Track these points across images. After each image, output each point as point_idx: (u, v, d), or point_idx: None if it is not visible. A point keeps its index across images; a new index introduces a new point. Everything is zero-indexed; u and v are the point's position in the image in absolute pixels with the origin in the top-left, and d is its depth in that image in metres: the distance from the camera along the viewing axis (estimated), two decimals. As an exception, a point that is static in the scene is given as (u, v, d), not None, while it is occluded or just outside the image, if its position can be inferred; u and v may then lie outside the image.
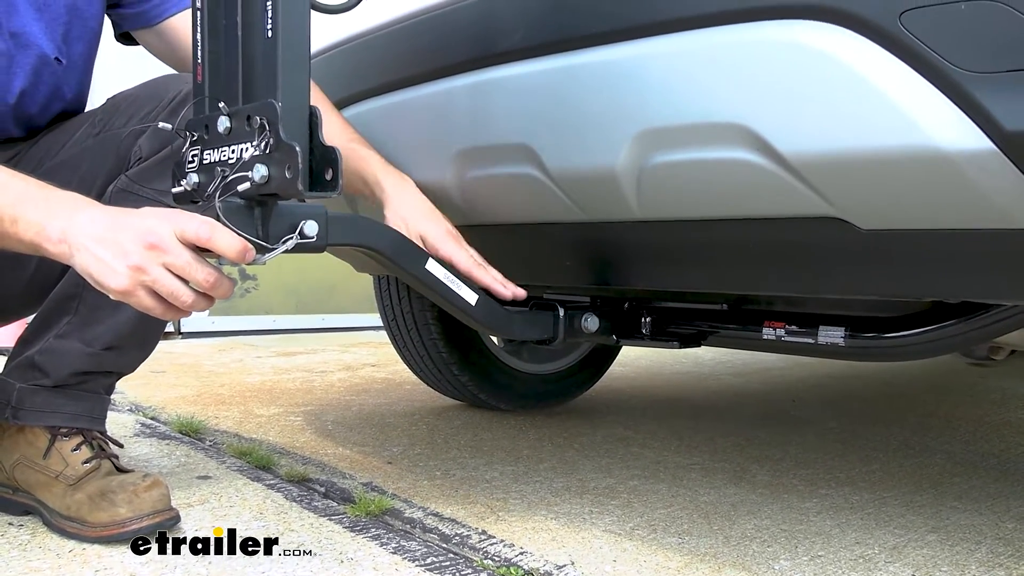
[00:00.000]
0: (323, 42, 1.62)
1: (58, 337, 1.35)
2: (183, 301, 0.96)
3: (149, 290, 0.96)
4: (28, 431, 1.36)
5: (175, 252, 0.95)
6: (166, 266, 0.95)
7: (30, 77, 1.34)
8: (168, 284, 0.95)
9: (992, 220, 0.94)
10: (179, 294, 0.96)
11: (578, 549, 1.31)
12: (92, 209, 1.00)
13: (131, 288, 0.95)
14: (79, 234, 0.97)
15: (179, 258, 0.95)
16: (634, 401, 2.59)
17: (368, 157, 1.40)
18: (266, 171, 0.95)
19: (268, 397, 2.54)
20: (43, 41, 1.34)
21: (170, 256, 0.95)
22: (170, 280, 0.95)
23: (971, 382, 3.03)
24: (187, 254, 0.95)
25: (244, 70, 1.01)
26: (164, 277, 0.95)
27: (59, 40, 1.36)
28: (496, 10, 1.26)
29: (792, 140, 0.99)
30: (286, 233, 1.03)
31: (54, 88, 1.38)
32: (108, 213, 0.99)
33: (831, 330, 1.33)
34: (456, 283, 1.27)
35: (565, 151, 1.22)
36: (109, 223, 0.97)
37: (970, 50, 0.86)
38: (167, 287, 0.95)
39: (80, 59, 1.41)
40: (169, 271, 0.95)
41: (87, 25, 1.40)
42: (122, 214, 0.98)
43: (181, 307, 0.97)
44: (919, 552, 1.33)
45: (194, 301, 0.97)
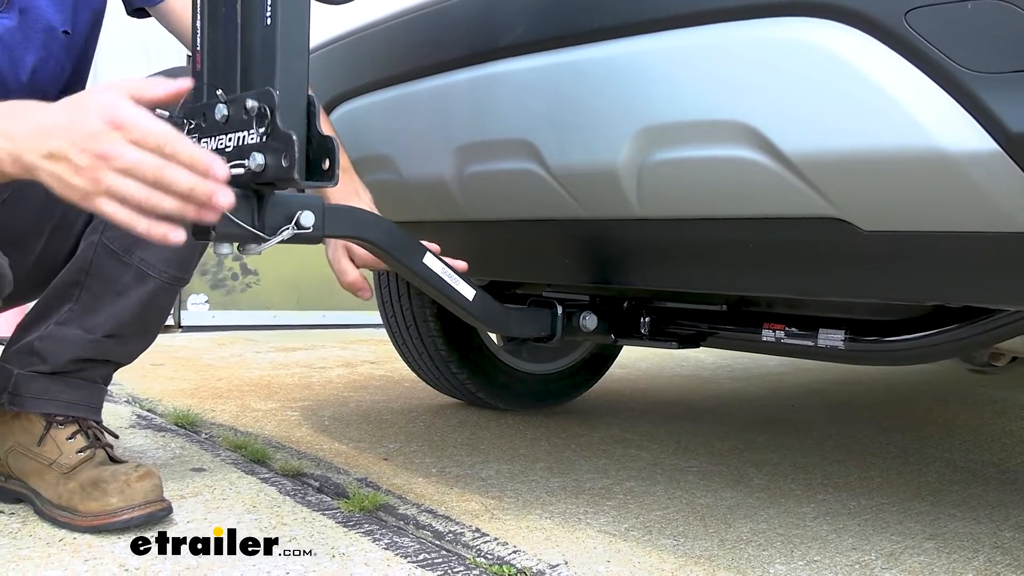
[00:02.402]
0: (323, 36, 1.61)
1: (59, 324, 1.35)
2: (159, 207, 0.86)
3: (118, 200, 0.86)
4: (24, 418, 1.36)
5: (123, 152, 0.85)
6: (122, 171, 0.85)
7: (40, 52, 1.33)
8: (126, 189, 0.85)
9: (995, 223, 0.93)
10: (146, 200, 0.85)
11: (572, 549, 1.30)
12: (40, 113, 0.91)
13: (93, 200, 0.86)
14: (27, 150, 0.88)
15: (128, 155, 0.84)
16: (633, 403, 2.58)
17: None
18: (263, 159, 0.94)
19: (266, 392, 2.53)
20: (51, 13, 1.33)
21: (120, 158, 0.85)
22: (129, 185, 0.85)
23: (971, 390, 3.02)
24: (134, 151, 0.85)
25: (243, 58, 1.00)
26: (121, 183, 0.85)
27: (69, 11, 1.36)
28: (497, 5, 1.25)
29: (794, 139, 0.98)
30: (283, 223, 1.02)
31: (61, 62, 1.38)
32: (62, 112, 0.90)
33: (831, 333, 1.32)
34: (453, 278, 1.26)
35: (566, 147, 1.21)
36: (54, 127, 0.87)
37: (975, 50, 0.85)
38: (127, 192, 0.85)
39: (85, 28, 1.40)
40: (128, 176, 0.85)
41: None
42: (73, 106, 0.89)
43: (161, 211, 0.86)
44: (916, 559, 1.32)
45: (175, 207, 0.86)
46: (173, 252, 1.34)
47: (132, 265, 1.34)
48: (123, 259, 1.33)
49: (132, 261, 1.33)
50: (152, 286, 1.35)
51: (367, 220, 1.16)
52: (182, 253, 1.36)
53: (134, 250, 1.33)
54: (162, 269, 1.35)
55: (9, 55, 1.29)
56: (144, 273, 1.34)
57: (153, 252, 1.34)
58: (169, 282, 1.37)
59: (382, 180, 1.54)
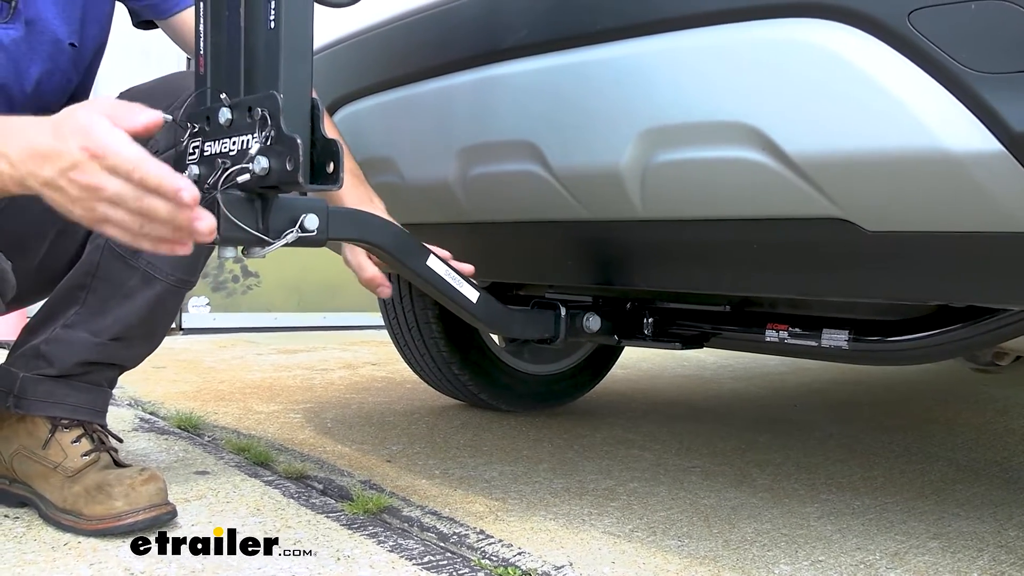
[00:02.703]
0: (326, 38, 1.61)
1: (65, 327, 1.35)
2: (148, 234, 0.88)
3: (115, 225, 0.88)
4: (29, 421, 1.36)
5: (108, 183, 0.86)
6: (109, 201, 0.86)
7: (47, 63, 1.33)
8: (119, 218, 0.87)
9: (999, 223, 0.93)
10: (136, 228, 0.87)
11: (576, 550, 1.30)
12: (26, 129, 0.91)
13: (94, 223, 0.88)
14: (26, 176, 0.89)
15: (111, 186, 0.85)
16: (635, 403, 2.58)
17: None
18: (267, 163, 0.95)
19: (268, 394, 2.53)
20: (57, 25, 1.33)
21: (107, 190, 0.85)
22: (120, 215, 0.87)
23: (974, 389, 3.02)
24: (118, 182, 0.85)
25: (246, 61, 1.00)
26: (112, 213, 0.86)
27: (76, 24, 1.36)
28: (501, 6, 1.25)
29: (798, 140, 0.98)
30: (286, 227, 1.03)
31: (67, 74, 1.38)
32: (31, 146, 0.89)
33: (835, 333, 1.32)
34: (457, 280, 1.26)
35: (569, 149, 1.21)
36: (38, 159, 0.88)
37: (979, 50, 0.85)
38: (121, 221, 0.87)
39: (92, 42, 1.40)
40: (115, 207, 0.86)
41: (99, 9, 1.40)
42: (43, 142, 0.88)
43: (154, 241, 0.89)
44: (921, 559, 1.32)
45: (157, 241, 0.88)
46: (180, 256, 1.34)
47: (139, 268, 1.34)
48: (129, 262, 1.33)
49: (139, 264, 1.34)
50: (159, 289, 1.35)
51: (371, 223, 1.16)
52: (189, 257, 1.36)
53: (140, 253, 1.33)
54: (169, 272, 1.35)
55: (14, 66, 1.29)
56: (151, 276, 1.34)
57: (160, 255, 1.34)
58: (176, 285, 1.37)
59: (384, 183, 1.54)
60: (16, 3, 1.28)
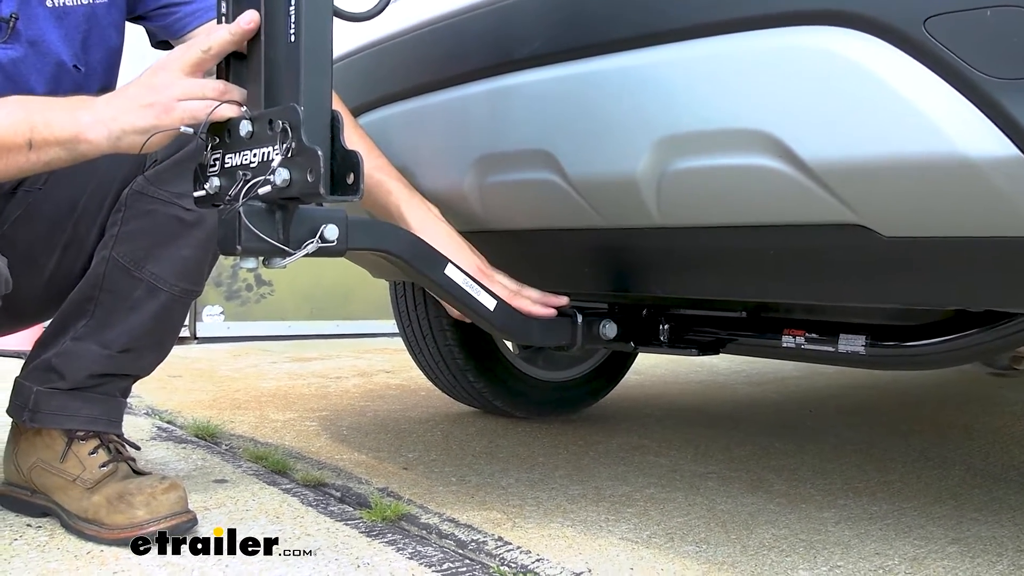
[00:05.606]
0: (343, 48, 1.62)
1: (75, 340, 1.36)
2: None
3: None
4: (45, 434, 1.37)
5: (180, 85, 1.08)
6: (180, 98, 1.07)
7: (50, 84, 1.35)
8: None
9: (1017, 228, 0.93)
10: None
11: (595, 556, 1.30)
12: (102, 97, 1.13)
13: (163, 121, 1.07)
14: (104, 111, 1.10)
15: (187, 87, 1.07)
16: (649, 409, 2.58)
17: (394, 190, 1.37)
18: (288, 175, 0.96)
19: (283, 402, 2.55)
20: (60, 48, 1.34)
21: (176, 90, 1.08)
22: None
23: (988, 393, 3.01)
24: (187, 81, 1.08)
25: (267, 74, 1.01)
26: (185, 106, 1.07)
27: (78, 48, 1.37)
28: (516, 16, 1.26)
29: (815, 147, 0.99)
30: (307, 237, 1.04)
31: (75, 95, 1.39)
32: (115, 94, 1.14)
33: (851, 338, 1.32)
34: (475, 288, 1.27)
35: (585, 157, 1.22)
36: (122, 98, 1.11)
37: (996, 56, 0.85)
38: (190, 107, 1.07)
39: (100, 66, 1.41)
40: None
41: (105, 33, 1.41)
42: (124, 90, 1.12)
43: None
44: (939, 563, 1.31)
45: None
46: (184, 265, 1.36)
47: (143, 280, 1.35)
48: (134, 274, 1.34)
49: (143, 276, 1.34)
50: (164, 299, 1.36)
51: (389, 233, 1.17)
52: (193, 266, 1.37)
53: (144, 264, 1.34)
54: (173, 283, 1.36)
55: (14, 86, 1.29)
56: (155, 287, 1.35)
57: (164, 266, 1.35)
58: (181, 295, 1.38)
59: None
60: (14, 24, 1.29)
